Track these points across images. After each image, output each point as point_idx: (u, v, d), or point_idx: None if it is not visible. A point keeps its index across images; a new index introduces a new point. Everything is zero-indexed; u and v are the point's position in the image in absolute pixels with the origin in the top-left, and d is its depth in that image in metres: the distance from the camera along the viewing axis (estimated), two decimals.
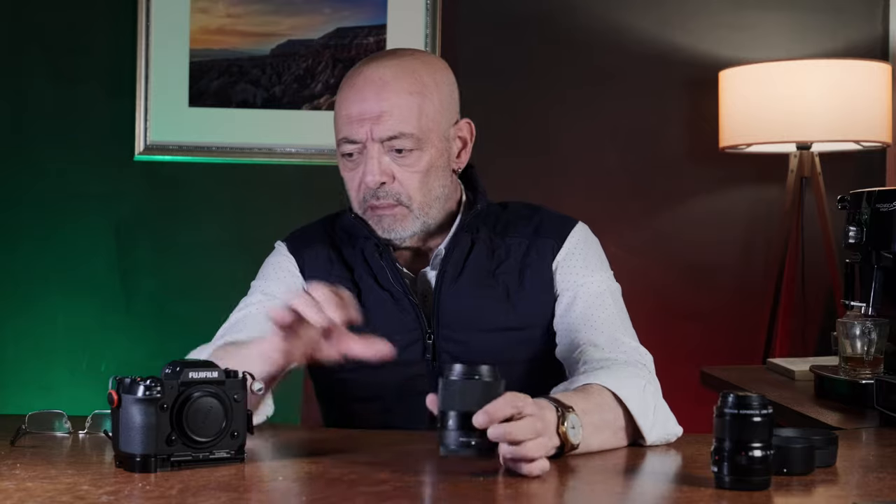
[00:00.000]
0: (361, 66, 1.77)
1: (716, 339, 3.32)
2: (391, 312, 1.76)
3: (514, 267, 1.79)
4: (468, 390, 1.29)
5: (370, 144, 1.72)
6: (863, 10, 3.35)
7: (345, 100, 1.75)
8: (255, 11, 3.23)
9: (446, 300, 1.76)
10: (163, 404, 1.32)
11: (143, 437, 1.32)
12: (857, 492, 1.27)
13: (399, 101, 1.71)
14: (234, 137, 3.23)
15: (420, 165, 1.74)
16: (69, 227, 3.23)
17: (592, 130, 3.33)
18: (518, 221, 1.83)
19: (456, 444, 1.28)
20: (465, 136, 1.82)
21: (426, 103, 1.74)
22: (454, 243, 1.77)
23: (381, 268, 1.78)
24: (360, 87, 1.73)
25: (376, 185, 1.72)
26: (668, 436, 1.56)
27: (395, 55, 1.79)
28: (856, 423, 1.81)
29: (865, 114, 2.98)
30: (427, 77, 1.75)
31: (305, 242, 1.86)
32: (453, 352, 1.75)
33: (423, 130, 1.73)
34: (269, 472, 1.33)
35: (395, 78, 1.73)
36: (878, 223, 1.92)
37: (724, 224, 3.34)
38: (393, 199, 1.73)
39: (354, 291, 1.78)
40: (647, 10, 3.32)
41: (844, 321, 2.03)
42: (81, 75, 3.23)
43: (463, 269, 1.77)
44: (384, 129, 1.71)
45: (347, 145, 1.74)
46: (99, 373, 3.22)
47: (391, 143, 1.72)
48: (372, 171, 1.71)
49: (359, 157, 1.74)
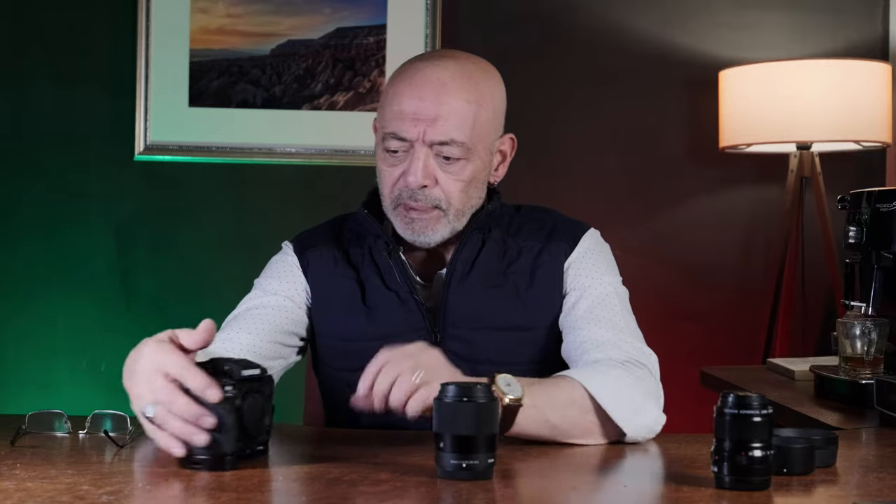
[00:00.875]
0: (418, 62, 1.74)
1: (716, 339, 3.32)
2: (397, 312, 1.76)
3: (525, 267, 1.78)
4: (462, 412, 1.28)
5: (419, 145, 1.69)
6: (863, 10, 3.35)
7: (399, 94, 1.70)
8: (255, 11, 3.23)
9: (454, 299, 1.75)
10: (235, 402, 1.33)
11: (232, 435, 1.33)
12: (857, 492, 1.27)
13: (456, 107, 1.69)
14: (234, 137, 3.23)
15: (464, 174, 1.72)
16: (69, 227, 3.23)
17: (592, 130, 3.33)
18: (531, 224, 1.83)
19: (451, 468, 1.28)
20: (505, 151, 1.82)
21: (480, 113, 1.72)
22: (465, 243, 1.77)
23: (388, 267, 1.77)
24: (417, 85, 1.69)
25: (418, 186, 1.70)
26: (649, 425, 1.55)
27: (453, 57, 1.75)
28: (856, 423, 1.81)
29: (865, 114, 2.98)
30: (484, 86, 1.73)
31: (311, 243, 1.85)
32: (460, 351, 1.74)
33: (473, 140, 1.71)
34: (269, 472, 1.33)
35: (455, 82, 1.69)
36: (878, 223, 1.92)
37: (724, 224, 3.34)
38: (431, 203, 1.72)
39: (357, 290, 1.78)
40: (648, 11, 3.32)
41: (844, 321, 2.03)
42: (82, 75, 3.23)
43: (472, 268, 1.77)
44: (437, 133, 1.68)
45: (394, 141, 1.71)
46: (99, 373, 3.22)
47: (441, 148, 1.69)
48: (416, 172, 1.69)
49: (403, 154, 1.72)
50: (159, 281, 3.25)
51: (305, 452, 1.48)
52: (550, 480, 1.31)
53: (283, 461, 1.40)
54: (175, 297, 3.24)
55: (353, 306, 1.78)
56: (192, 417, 1.31)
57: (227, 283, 3.21)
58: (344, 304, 1.79)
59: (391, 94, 1.72)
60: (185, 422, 1.32)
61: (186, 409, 1.31)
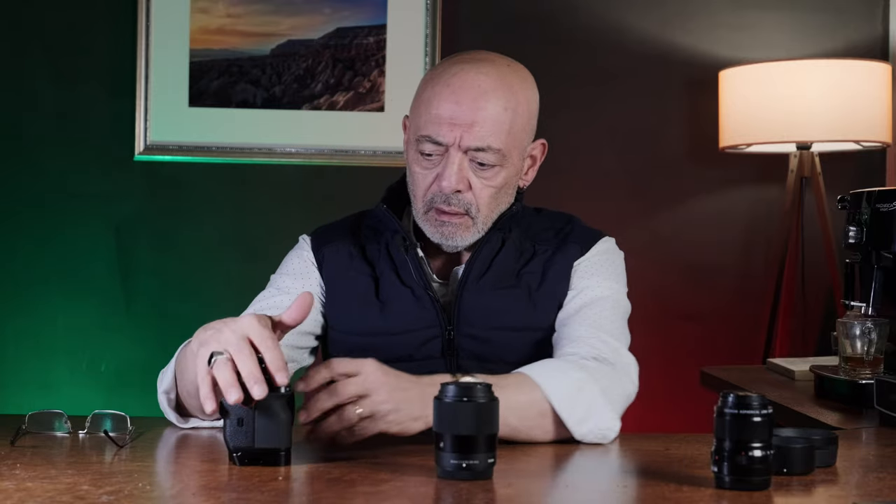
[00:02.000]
0: (456, 64, 1.72)
1: (716, 339, 3.32)
2: (412, 308, 1.76)
3: (537, 268, 1.79)
4: (461, 412, 1.28)
5: (454, 150, 1.69)
6: (863, 10, 3.35)
7: (436, 97, 1.69)
8: (255, 11, 3.23)
9: (468, 297, 1.75)
10: (286, 399, 1.35)
11: (285, 431, 1.35)
12: (857, 492, 1.27)
13: (493, 114, 1.68)
14: (234, 137, 3.23)
15: (497, 181, 1.72)
16: (69, 227, 3.23)
17: (592, 130, 3.33)
18: (550, 228, 1.84)
19: (451, 467, 1.28)
20: (536, 155, 1.82)
21: (517, 120, 1.72)
22: (485, 242, 1.77)
23: (404, 262, 1.77)
24: (455, 89, 1.68)
25: (451, 191, 1.70)
26: (600, 431, 1.53)
27: (490, 61, 1.74)
28: (856, 423, 1.81)
29: (865, 114, 2.98)
30: (521, 92, 1.73)
31: (328, 238, 1.86)
32: (473, 349, 1.75)
33: (509, 147, 1.71)
34: (269, 472, 1.33)
35: (494, 89, 1.69)
36: (878, 223, 1.92)
37: (724, 224, 3.34)
38: (463, 208, 1.72)
39: (372, 285, 1.79)
40: (648, 11, 3.32)
41: (844, 321, 2.03)
42: (82, 75, 3.23)
43: (489, 268, 1.77)
44: (474, 138, 1.68)
45: (429, 145, 1.70)
46: (99, 373, 3.22)
47: (476, 154, 1.69)
48: (450, 177, 1.69)
49: (437, 158, 1.71)
50: (159, 281, 3.25)
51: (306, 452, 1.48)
52: (550, 480, 1.32)
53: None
54: (175, 297, 3.24)
55: (367, 301, 1.78)
56: (250, 376, 1.31)
57: (227, 283, 3.21)
58: (358, 298, 1.79)
59: (428, 96, 1.71)
60: (233, 379, 1.31)
61: (249, 364, 1.31)
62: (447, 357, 1.75)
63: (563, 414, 1.51)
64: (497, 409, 1.31)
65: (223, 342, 1.34)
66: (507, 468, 1.36)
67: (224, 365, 1.32)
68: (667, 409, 3.24)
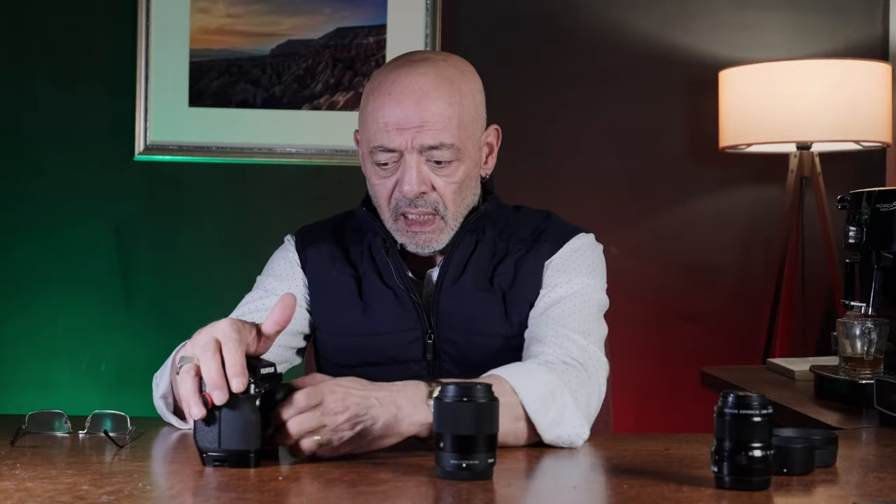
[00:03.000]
0: (393, 70, 1.72)
1: (716, 339, 3.32)
2: (393, 310, 1.76)
3: (508, 268, 1.77)
4: (461, 412, 1.28)
5: (409, 154, 1.69)
6: (863, 10, 3.35)
7: (381, 107, 1.70)
8: (255, 11, 3.23)
9: (446, 301, 1.76)
10: (257, 400, 1.34)
11: (253, 433, 1.34)
12: (857, 492, 1.27)
13: (440, 111, 1.68)
14: (234, 137, 3.23)
15: (457, 175, 1.72)
16: (69, 227, 3.23)
17: (592, 130, 3.33)
18: (525, 227, 1.82)
19: (451, 467, 1.28)
20: (492, 142, 1.81)
21: (464, 113, 1.72)
22: (457, 244, 1.77)
23: (385, 264, 1.78)
24: (397, 96, 1.69)
25: (415, 194, 1.70)
26: (570, 437, 1.50)
27: (427, 60, 1.74)
28: (856, 423, 1.81)
29: (865, 114, 2.98)
30: (463, 86, 1.73)
31: (312, 238, 1.86)
32: (453, 353, 1.75)
33: (462, 140, 1.71)
34: (268, 472, 1.33)
35: (435, 87, 1.69)
36: (878, 223, 1.92)
37: (724, 224, 3.34)
38: (430, 207, 1.72)
39: (354, 285, 1.79)
40: (648, 11, 3.32)
41: (844, 321, 2.03)
42: (82, 75, 3.23)
43: (464, 271, 1.77)
44: (425, 138, 1.68)
45: (383, 154, 1.71)
46: (99, 373, 3.22)
47: (431, 153, 1.69)
48: (411, 180, 1.69)
49: (393, 165, 1.71)
50: (159, 280, 3.25)
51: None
52: (550, 480, 1.32)
53: (283, 461, 1.40)
54: (175, 296, 3.24)
55: (349, 301, 1.78)
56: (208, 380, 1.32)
57: (227, 283, 3.21)
58: (341, 299, 1.79)
59: (372, 108, 1.72)
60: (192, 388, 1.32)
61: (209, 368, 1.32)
62: (429, 360, 1.75)
63: (535, 418, 1.48)
64: (497, 409, 1.31)
65: (195, 345, 1.36)
66: (507, 468, 1.36)
67: (185, 374, 1.33)
68: (667, 409, 3.24)
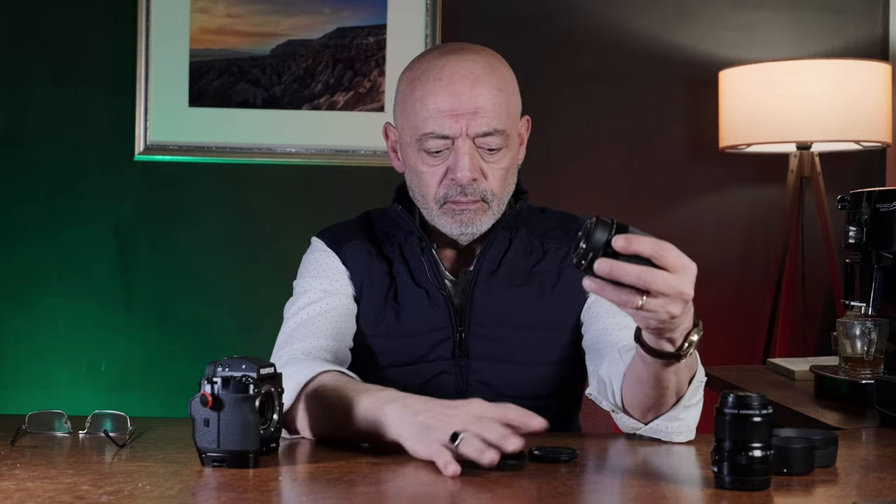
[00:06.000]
0: (440, 57, 1.72)
1: (716, 339, 3.32)
2: (425, 309, 1.75)
3: (551, 268, 1.78)
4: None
5: (462, 140, 1.69)
6: (863, 10, 3.35)
7: (431, 93, 1.69)
8: (255, 11, 3.23)
9: (480, 296, 1.75)
10: (256, 400, 1.35)
11: (252, 433, 1.34)
12: (857, 492, 1.27)
13: (491, 97, 1.69)
14: (234, 137, 3.23)
15: (504, 162, 1.73)
16: (69, 227, 3.23)
17: (593, 130, 3.33)
18: (557, 227, 1.84)
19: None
20: (523, 133, 1.83)
21: (510, 100, 1.73)
22: (493, 241, 1.77)
23: (419, 264, 1.76)
24: (449, 81, 1.68)
25: (468, 181, 1.69)
26: (683, 429, 1.55)
27: (470, 49, 1.75)
28: (856, 423, 1.81)
29: (865, 114, 2.98)
30: (507, 73, 1.75)
31: (343, 237, 1.83)
32: (483, 349, 1.74)
33: (509, 127, 1.72)
34: (269, 472, 1.33)
35: (485, 73, 1.70)
36: (878, 223, 1.92)
37: (724, 224, 3.34)
38: (479, 195, 1.71)
39: (391, 285, 1.77)
40: (648, 11, 3.32)
41: (844, 321, 2.03)
42: (81, 75, 3.23)
43: (499, 267, 1.77)
44: (479, 125, 1.68)
45: (436, 140, 1.70)
46: (99, 373, 3.22)
47: (484, 139, 1.70)
48: (464, 167, 1.68)
49: (445, 152, 1.71)
50: (159, 280, 3.25)
51: (306, 452, 1.48)
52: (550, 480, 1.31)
53: (283, 461, 1.40)
54: (175, 297, 3.24)
55: (386, 303, 1.77)
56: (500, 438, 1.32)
57: (227, 284, 3.21)
58: (379, 299, 1.77)
59: (420, 95, 1.70)
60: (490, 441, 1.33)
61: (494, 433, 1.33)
62: (457, 358, 1.74)
63: (685, 393, 1.52)
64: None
65: (465, 423, 1.34)
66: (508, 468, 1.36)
67: (471, 439, 1.32)
68: None
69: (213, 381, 1.34)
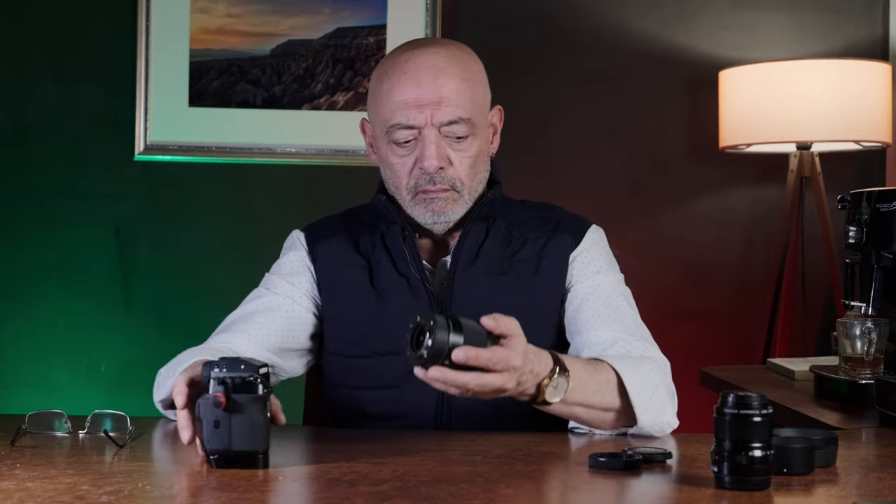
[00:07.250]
0: (405, 52, 1.77)
1: (716, 339, 3.32)
2: (405, 297, 1.77)
3: (530, 256, 1.80)
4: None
5: (428, 130, 1.73)
6: (863, 10, 3.35)
7: (397, 85, 1.74)
8: (255, 11, 3.23)
9: (460, 285, 1.77)
10: (264, 401, 1.35)
11: (262, 433, 1.34)
12: (857, 492, 1.27)
13: (455, 87, 1.73)
14: (234, 137, 3.23)
15: (472, 151, 1.76)
16: (69, 227, 3.23)
17: (592, 130, 3.33)
18: (536, 217, 1.86)
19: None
20: (495, 123, 1.86)
21: (476, 89, 1.77)
22: (469, 231, 1.79)
23: (401, 253, 1.79)
24: (413, 73, 1.73)
25: (435, 169, 1.73)
26: (661, 425, 1.59)
27: (436, 43, 1.82)
28: (856, 423, 1.81)
29: (865, 114, 2.98)
30: (472, 64, 1.79)
31: (322, 233, 1.88)
32: None
33: (476, 116, 1.76)
34: (269, 472, 1.33)
35: (449, 64, 1.74)
36: (878, 223, 1.92)
37: (724, 224, 3.34)
38: (448, 184, 1.75)
39: (367, 276, 1.80)
40: (648, 11, 3.32)
41: (844, 321, 2.03)
42: (81, 75, 3.23)
43: (477, 256, 1.79)
44: (444, 114, 1.72)
45: (403, 131, 1.74)
46: (99, 373, 3.22)
47: (449, 128, 1.73)
48: (431, 155, 1.72)
49: (413, 142, 1.75)
50: (159, 281, 3.25)
51: (305, 452, 1.48)
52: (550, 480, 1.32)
53: (283, 461, 1.40)
54: (175, 297, 3.24)
55: (362, 290, 1.80)
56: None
57: (227, 283, 3.21)
58: (354, 288, 1.80)
59: (387, 88, 1.76)
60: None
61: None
62: None
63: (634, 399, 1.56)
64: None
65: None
66: (508, 469, 1.36)
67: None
68: None
69: (224, 383, 1.34)
